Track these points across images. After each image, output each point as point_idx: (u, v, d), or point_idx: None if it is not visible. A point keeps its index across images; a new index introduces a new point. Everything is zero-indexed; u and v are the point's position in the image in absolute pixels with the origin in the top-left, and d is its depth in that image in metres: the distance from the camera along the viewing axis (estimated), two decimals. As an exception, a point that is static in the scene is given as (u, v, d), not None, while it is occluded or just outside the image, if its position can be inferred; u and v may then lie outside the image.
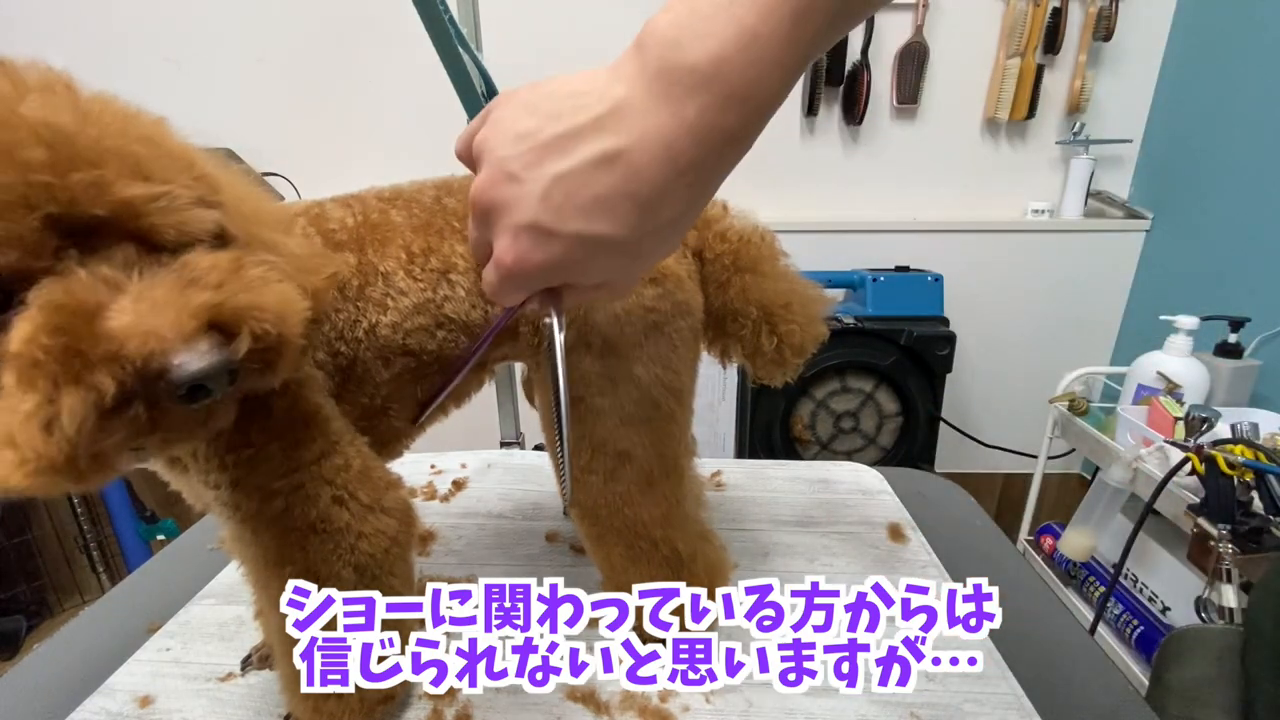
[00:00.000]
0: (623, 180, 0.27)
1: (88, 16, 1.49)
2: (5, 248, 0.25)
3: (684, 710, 0.51)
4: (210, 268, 0.30)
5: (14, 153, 0.25)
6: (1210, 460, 0.91)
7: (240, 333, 0.29)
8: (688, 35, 0.25)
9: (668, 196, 0.28)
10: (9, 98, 0.26)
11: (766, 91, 0.26)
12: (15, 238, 0.26)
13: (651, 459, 0.50)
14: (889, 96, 1.57)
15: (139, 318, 0.27)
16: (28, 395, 0.25)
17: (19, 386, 0.25)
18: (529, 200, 0.28)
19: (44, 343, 0.25)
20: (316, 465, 0.42)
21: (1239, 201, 1.36)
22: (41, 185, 0.26)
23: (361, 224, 0.45)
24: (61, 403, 0.25)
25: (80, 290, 0.27)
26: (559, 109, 0.28)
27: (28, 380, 0.25)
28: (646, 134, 0.26)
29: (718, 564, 0.57)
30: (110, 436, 0.27)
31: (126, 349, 0.26)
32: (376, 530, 0.45)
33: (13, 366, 0.26)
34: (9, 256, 0.26)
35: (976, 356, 1.71)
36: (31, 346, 0.25)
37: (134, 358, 0.26)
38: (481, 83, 0.81)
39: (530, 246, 0.29)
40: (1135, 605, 1.17)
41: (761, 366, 0.57)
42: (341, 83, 1.56)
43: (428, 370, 0.48)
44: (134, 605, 0.65)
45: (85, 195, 0.27)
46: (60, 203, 0.26)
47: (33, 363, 0.25)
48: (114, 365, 0.26)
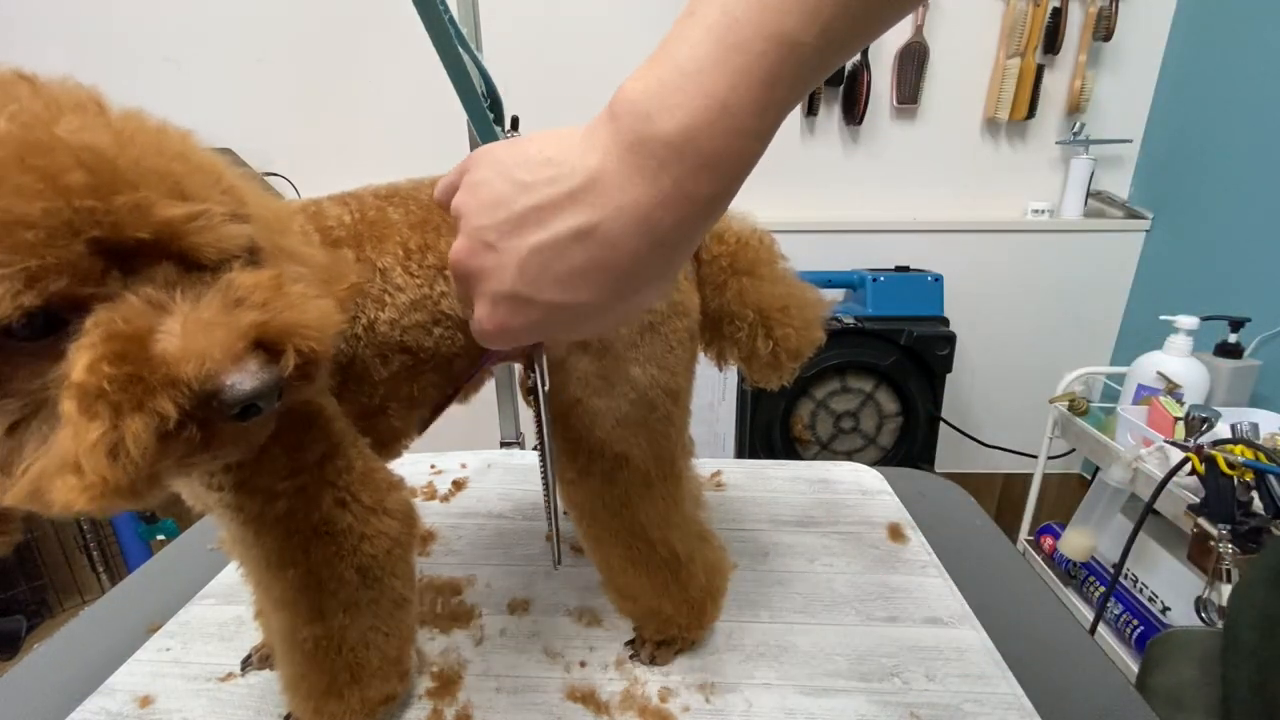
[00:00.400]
0: (598, 253, 0.27)
1: (88, 16, 1.49)
2: (56, 275, 0.26)
3: (684, 710, 0.51)
4: (254, 286, 0.30)
5: (57, 178, 0.25)
6: (1210, 460, 0.91)
7: (286, 350, 0.30)
8: (658, 106, 0.25)
9: (644, 265, 0.28)
10: (44, 119, 0.26)
11: (739, 158, 0.26)
12: (65, 264, 0.26)
13: (649, 460, 0.50)
14: (889, 96, 1.57)
15: (191, 341, 0.27)
16: (93, 423, 0.26)
17: (82, 414, 0.26)
18: (506, 271, 0.29)
19: (107, 372, 0.26)
20: (319, 467, 0.42)
21: (1239, 201, 1.36)
22: (86, 210, 0.26)
23: (359, 221, 0.45)
24: (126, 429, 0.26)
25: (134, 316, 0.27)
26: (533, 178, 0.28)
27: (91, 409, 0.26)
28: (622, 208, 0.26)
29: (717, 564, 0.57)
30: (168, 458, 0.28)
31: (183, 373, 0.26)
32: (379, 532, 0.45)
33: (74, 395, 0.26)
34: (59, 283, 0.26)
35: (976, 356, 1.71)
36: (95, 376, 0.26)
37: (191, 381, 0.27)
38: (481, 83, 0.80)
39: (508, 314, 0.30)
40: (1135, 605, 1.17)
41: (757, 369, 0.57)
42: (341, 83, 1.55)
43: (425, 368, 0.48)
44: (134, 605, 0.65)
45: (129, 218, 0.27)
46: (104, 227, 0.26)
47: (97, 392, 0.26)
48: (173, 390, 0.26)
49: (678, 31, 0.26)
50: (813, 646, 0.57)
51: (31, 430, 0.27)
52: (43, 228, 0.25)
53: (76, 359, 0.26)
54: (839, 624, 0.60)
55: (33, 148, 0.25)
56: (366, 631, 0.46)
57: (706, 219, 0.28)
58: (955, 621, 0.60)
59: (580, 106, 1.76)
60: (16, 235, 0.24)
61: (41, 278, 0.25)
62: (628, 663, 0.56)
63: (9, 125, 0.25)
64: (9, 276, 0.24)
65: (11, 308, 0.25)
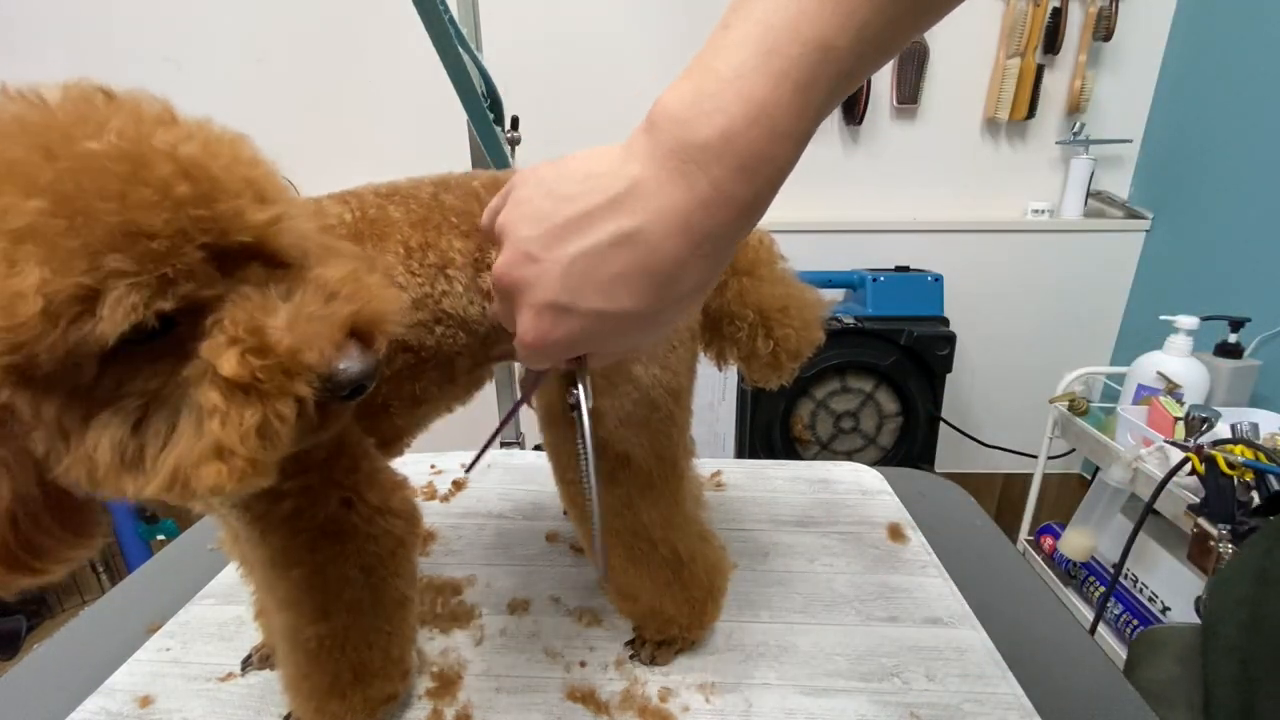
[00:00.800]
0: (640, 258, 0.28)
1: (88, 17, 1.49)
2: (182, 280, 0.28)
3: (684, 710, 0.51)
4: (341, 281, 0.33)
5: (169, 190, 0.27)
6: (1210, 460, 0.91)
7: (377, 336, 0.33)
8: (696, 113, 0.26)
9: (685, 269, 0.28)
10: (142, 133, 0.28)
11: (777, 161, 0.27)
12: (188, 270, 0.28)
13: (651, 460, 0.50)
14: (889, 96, 1.57)
15: (304, 332, 0.30)
16: (247, 411, 0.28)
17: (231, 404, 0.28)
18: (548, 280, 0.29)
19: (254, 364, 0.29)
20: (326, 466, 0.42)
21: (1239, 201, 1.36)
22: (197, 219, 0.28)
23: (360, 219, 0.45)
24: (273, 413, 0.29)
25: (253, 313, 0.30)
26: (575, 190, 0.29)
27: (241, 398, 0.29)
28: (662, 211, 0.27)
29: (717, 564, 0.57)
30: (299, 437, 0.31)
31: (309, 360, 0.30)
32: (384, 531, 0.45)
33: (222, 387, 0.28)
34: (187, 288, 0.28)
35: (976, 356, 1.71)
36: (245, 369, 0.28)
37: (317, 367, 0.30)
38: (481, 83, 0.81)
39: (551, 324, 0.30)
40: (1135, 605, 1.17)
41: (757, 369, 0.57)
42: (341, 83, 1.55)
43: (427, 367, 0.49)
44: (134, 605, 0.65)
45: (232, 224, 0.29)
46: (213, 233, 0.29)
47: (247, 383, 0.28)
48: (307, 375, 0.30)
49: (713, 43, 0.27)
50: (813, 646, 0.57)
51: (153, 425, 0.29)
52: (165, 237, 0.27)
53: (221, 355, 0.28)
54: (839, 624, 0.60)
55: (142, 162, 0.27)
56: (370, 631, 0.46)
57: (745, 222, 0.28)
58: (955, 621, 0.60)
59: (580, 106, 1.77)
60: (143, 245, 0.26)
61: (173, 283, 0.28)
62: (628, 663, 0.56)
63: (118, 141, 0.27)
64: (145, 284, 0.27)
65: (148, 313, 0.27)
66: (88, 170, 0.26)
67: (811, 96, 0.26)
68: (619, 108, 1.43)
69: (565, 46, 1.53)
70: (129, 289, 0.26)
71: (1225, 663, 0.54)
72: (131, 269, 0.26)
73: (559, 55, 1.54)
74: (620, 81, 1.53)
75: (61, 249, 0.25)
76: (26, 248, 0.25)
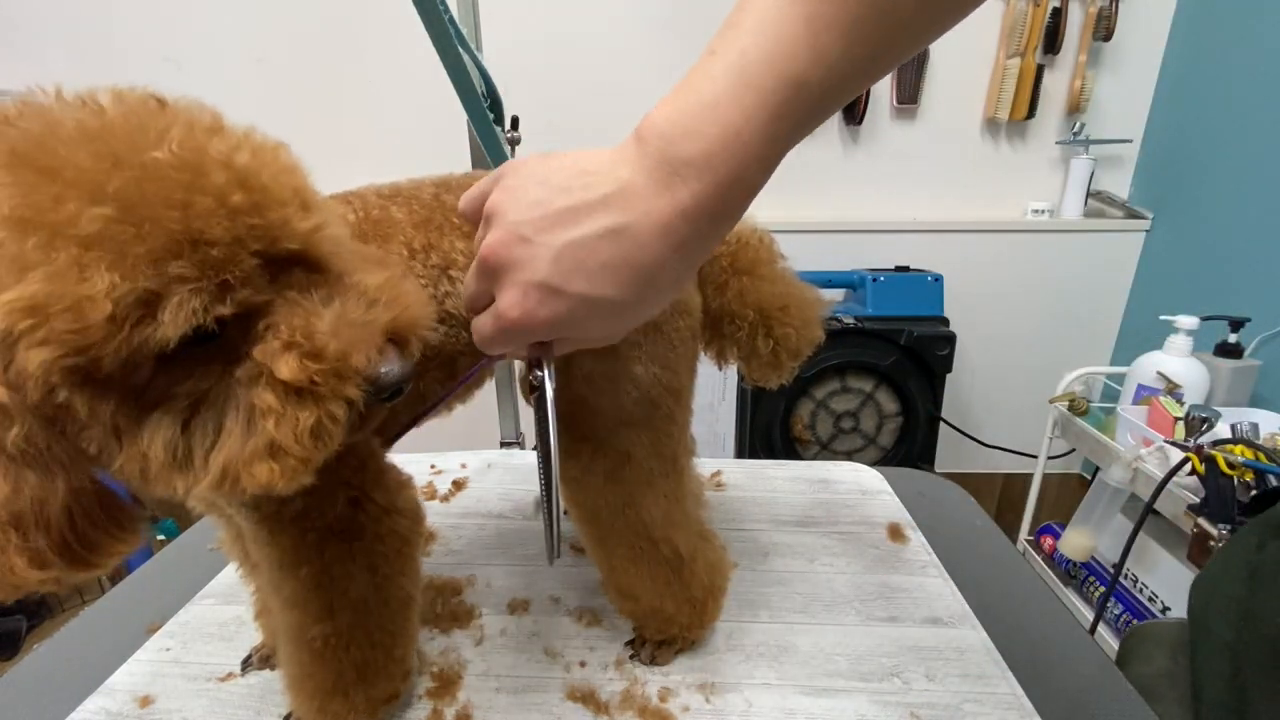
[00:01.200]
0: (626, 251, 0.30)
1: (88, 17, 1.49)
2: (239, 286, 0.29)
3: (684, 710, 0.51)
4: (380, 287, 0.34)
5: (225, 199, 0.28)
6: (1210, 460, 0.91)
7: (412, 341, 0.35)
8: (679, 132, 0.29)
9: (664, 267, 0.31)
10: (198, 142, 0.29)
11: (749, 179, 0.30)
12: (244, 276, 0.29)
13: (652, 458, 0.50)
14: (889, 96, 1.57)
15: (349, 337, 0.31)
16: (304, 412, 0.30)
17: (288, 405, 0.30)
18: (540, 261, 0.31)
19: (311, 368, 0.30)
20: (334, 466, 0.42)
21: (1239, 201, 1.36)
22: (250, 227, 0.29)
23: (363, 220, 0.45)
24: (327, 414, 0.30)
25: (303, 318, 0.31)
26: (569, 184, 0.31)
27: (296, 401, 0.30)
28: (649, 214, 0.30)
29: (718, 564, 0.57)
30: (346, 436, 0.32)
31: (357, 364, 0.31)
32: (390, 531, 0.45)
33: (277, 390, 0.30)
34: (243, 293, 0.29)
35: (976, 356, 1.71)
36: (303, 372, 0.30)
37: (363, 370, 0.31)
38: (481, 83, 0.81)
39: (537, 303, 0.32)
40: (1135, 605, 1.17)
41: (757, 368, 0.57)
42: (341, 83, 1.55)
43: (429, 366, 0.49)
44: (134, 605, 0.65)
45: (281, 232, 0.30)
46: (265, 241, 0.30)
47: (304, 385, 0.30)
48: (355, 378, 0.31)
49: (699, 68, 0.30)
50: (813, 646, 0.57)
51: (201, 425, 0.30)
52: (224, 245, 0.28)
53: (277, 359, 0.30)
54: (839, 624, 0.60)
55: (200, 171, 0.28)
56: (374, 630, 0.46)
57: (719, 231, 0.32)
58: (955, 621, 0.60)
59: (580, 106, 1.77)
60: (204, 253, 0.28)
61: (231, 289, 0.29)
62: (628, 663, 0.56)
63: (179, 150, 0.28)
64: (205, 290, 0.28)
65: (208, 318, 0.28)
66: (152, 179, 0.27)
67: (782, 127, 0.29)
68: (619, 108, 1.43)
69: (565, 46, 1.53)
70: (190, 294, 0.27)
71: (1216, 659, 0.54)
72: (193, 275, 0.27)
73: (559, 55, 1.54)
74: (620, 81, 1.53)
75: (129, 255, 0.26)
76: (95, 253, 0.26)
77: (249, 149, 0.30)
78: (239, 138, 0.31)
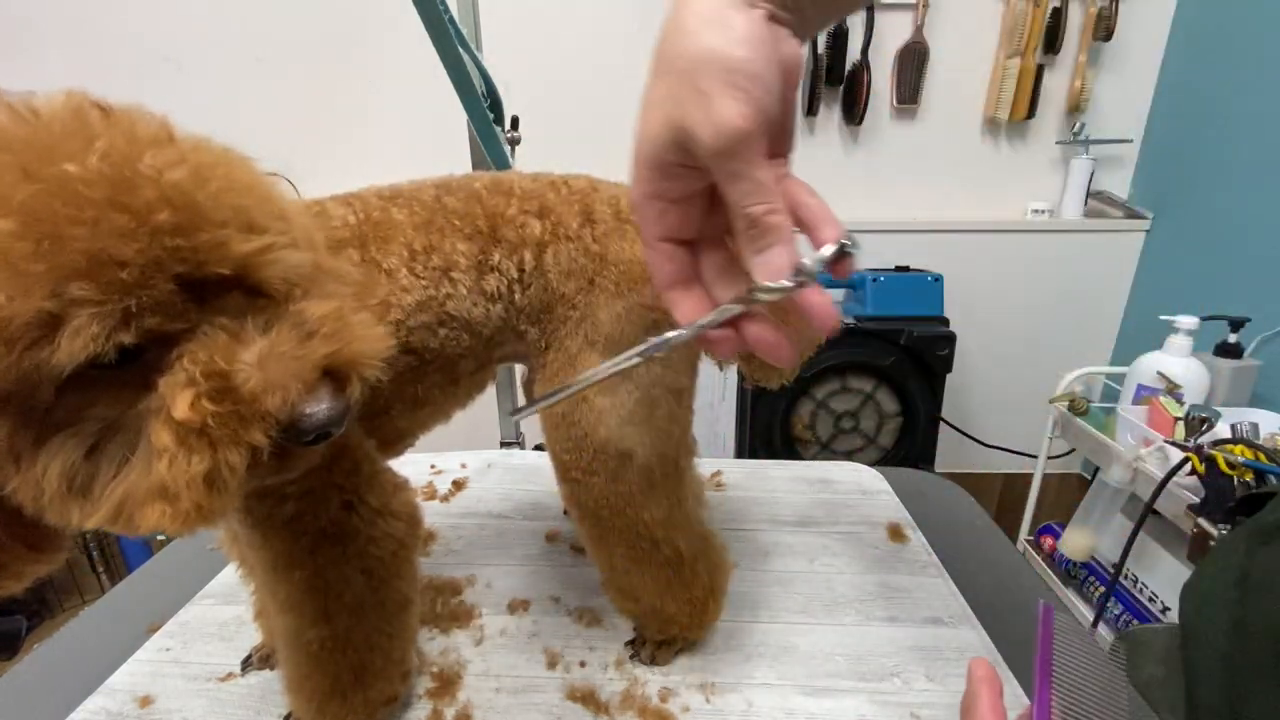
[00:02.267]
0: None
1: (88, 17, 1.49)
2: (150, 313, 0.27)
3: (684, 710, 0.51)
4: (322, 318, 0.32)
5: (147, 218, 0.26)
6: (1210, 460, 0.91)
7: (352, 380, 0.31)
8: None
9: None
10: (129, 156, 0.27)
11: None
12: (156, 302, 0.27)
13: (652, 458, 0.50)
14: (889, 96, 1.57)
15: (272, 373, 0.28)
16: (195, 457, 0.27)
17: (181, 447, 0.27)
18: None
19: (208, 409, 0.27)
20: (327, 469, 0.42)
21: (1239, 201, 1.36)
22: (174, 249, 0.27)
23: (364, 221, 0.45)
24: (223, 461, 0.28)
25: (219, 350, 0.28)
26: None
27: (190, 443, 0.27)
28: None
29: (718, 563, 0.57)
30: (253, 483, 0.30)
31: (269, 405, 0.28)
32: (385, 534, 0.45)
33: (174, 429, 0.27)
34: (153, 320, 0.27)
35: (976, 356, 1.71)
36: (198, 413, 0.27)
37: (277, 413, 0.28)
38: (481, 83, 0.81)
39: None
40: (1135, 605, 1.17)
41: (757, 369, 0.57)
42: (341, 82, 1.55)
43: (430, 369, 0.49)
44: (134, 605, 0.65)
45: (212, 255, 0.28)
46: (190, 264, 0.27)
47: (198, 427, 0.27)
48: (264, 422, 0.28)
49: None
50: (813, 646, 0.57)
51: (107, 454, 0.28)
52: (136, 266, 0.26)
53: (175, 395, 0.27)
54: (839, 624, 0.60)
55: (122, 186, 0.26)
56: (371, 633, 0.46)
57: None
58: (955, 621, 0.60)
59: (580, 106, 1.76)
60: (111, 274, 0.25)
61: (137, 316, 0.26)
62: (628, 663, 0.56)
63: (100, 164, 0.26)
64: (106, 315, 0.25)
65: (108, 345, 0.26)
66: (62, 193, 0.25)
67: None
68: (619, 107, 1.43)
69: (565, 46, 1.53)
70: (90, 319, 0.25)
71: (1209, 667, 0.54)
72: (95, 298, 0.25)
73: (559, 55, 1.54)
74: (620, 81, 1.52)
75: (24, 273, 0.24)
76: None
77: (190, 165, 0.28)
78: (182, 151, 0.29)
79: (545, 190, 0.49)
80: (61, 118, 0.27)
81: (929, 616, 0.61)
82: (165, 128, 0.30)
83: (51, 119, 0.27)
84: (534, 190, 0.49)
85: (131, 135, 0.28)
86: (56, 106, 0.28)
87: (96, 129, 0.27)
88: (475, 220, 0.47)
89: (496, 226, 0.47)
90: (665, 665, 0.56)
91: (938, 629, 0.59)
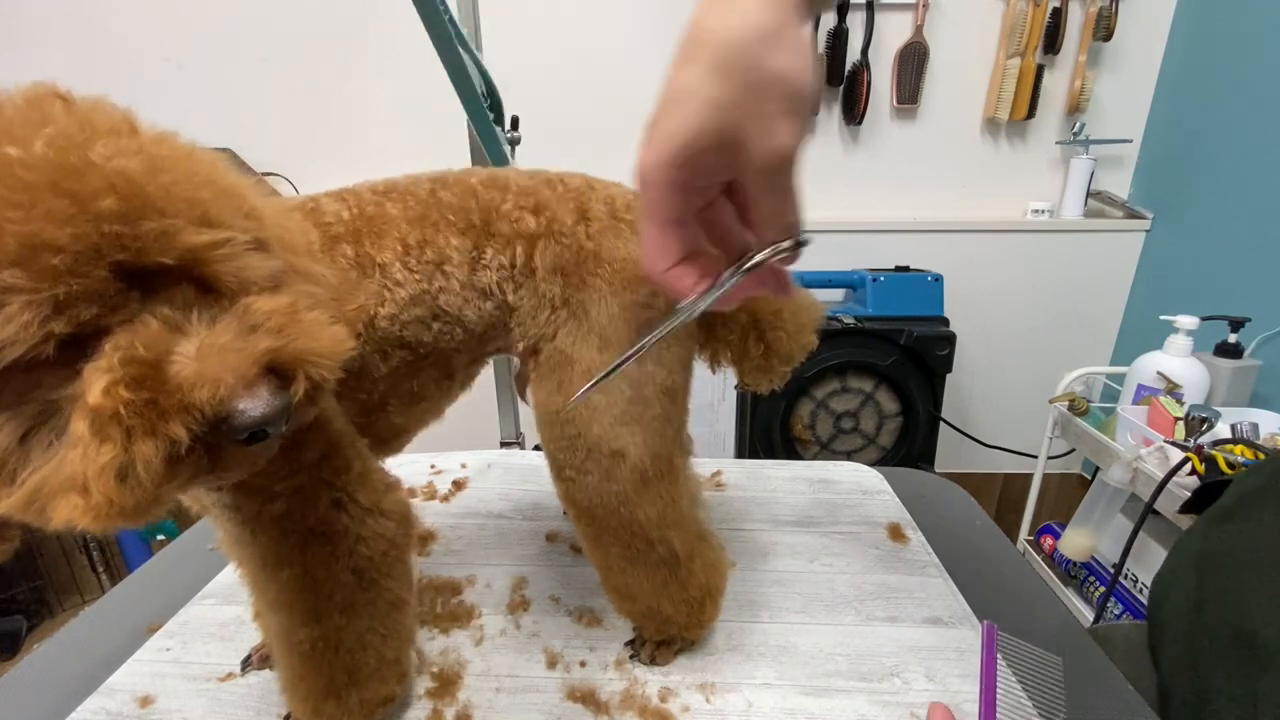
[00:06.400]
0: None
1: (88, 17, 1.49)
2: (82, 302, 0.26)
3: (684, 710, 0.51)
4: (270, 312, 0.30)
5: (88, 203, 0.25)
6: (1210, 460, 0.91)
7: (297, 377, 0.30)
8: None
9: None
10: (79, 143, 0.26)
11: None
12: (91, 291, 0.26)
13: (646, 457, 0.50)
14: (889, 96, 1.57)
15: (205, 365, 0.27)
16: (104, 446, 0.26)
17: (94, 437, 0.26)
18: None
19: (123, 396, 0.26)
20: (316, 467, 0.42)
21: (1239, 201, 1.36)
22: (113, 235, 0.26)
23: (357, 216, 0.45)
24: (137, 454, 0.26)
25: (151, 339, 0.27)
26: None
27: (103, 432, 0.26)
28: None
29: (715, 564, 0.57)
30: (175, 480, 0.28)
31: (195, 398, 0.27)
32: (375, 533, 0.45)
33: (88, 417, 0.26)
34: (87, 311, 0.26)
35: (976, 356, 1.71)
36: (111, 400, 0.26)
37: (203, 406, 0.27)
38: (481, 83, 0.81)
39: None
40: (1135, 605, 1.17)
41: (748, 372, 0.57)
42: (341, 82, 1.56)
43: (424, 364, 0.48)
44: (134, 605, 0.65)
45: (154, 244, 0.27)
46: (130, 251, 0.27)
47: (111, 415, 0.26)
48: (186, 415, 0.27)
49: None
50: (813, 646, 0.57)
51: (39, 440, 0.27)
52: (70, 252, 0.25)
53: (92, 381, 0.26)
54: (839, 624, 0.60)
55: (66, 172, 0.25)
56: (363, 633, 0.46)
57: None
58: (955, 621, 0.60)
59: (580, 106, 1.76)
60: (44, 260, 0.24)
61: (70, 305, 0.25)
62: (628, 663, 0.56)
63: (45, 149, 0.26)
64: (38, 303, 0.25)
65: (41, 335, 0.25)
66: (0, 177, 0.25)
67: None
68: (619, 107, 1.43)
69: (565, 46, 1.53)
70: (21, 307, 0.24)
71: (1175, 653, 0.55)
72: (27, 285, 0.24)
73: (559, 55, 1.54)
74: (620, 81, 1.53)
75: None
76: None
77: (146, 155, 0.28)
78: (140, 144, 0.28)
79: (541, 187, 0.49)
80: (18, 105, 0.27)
81: (929, 616, 0.61)
82: (128, 120, 0.29)
83: (7, 106, 0.27)
84: (530, 186, 0.49)
85: (87, 124, 0.27)
86: (17, 96, 0.27)
87: (52, 116, 0.27)
88: (469, 215, 0.47)
89: (490, 221, 0.47)
90: (665, 665, 0.56)
91: (938, 629, 0.59)
